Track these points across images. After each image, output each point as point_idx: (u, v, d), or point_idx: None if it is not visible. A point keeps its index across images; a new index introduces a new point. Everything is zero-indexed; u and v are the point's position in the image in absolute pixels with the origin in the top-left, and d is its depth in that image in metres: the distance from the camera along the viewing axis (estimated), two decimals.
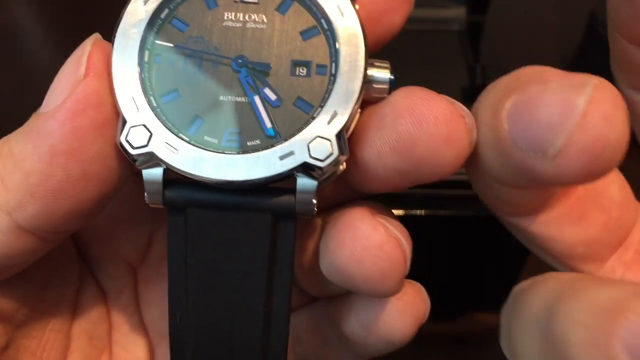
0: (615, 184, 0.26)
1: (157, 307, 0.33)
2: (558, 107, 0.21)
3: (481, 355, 0.52)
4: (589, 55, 0.65)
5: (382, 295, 0.27)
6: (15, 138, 0.26)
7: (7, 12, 0.73)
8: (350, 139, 0.26)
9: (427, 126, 0.24)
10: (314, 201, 0.26)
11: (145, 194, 0.26)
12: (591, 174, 0.22)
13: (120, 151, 0.25)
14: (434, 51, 0.59)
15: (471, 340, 0.54)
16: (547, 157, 0.21)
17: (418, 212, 0.45)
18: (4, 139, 0.27)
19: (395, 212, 0.45)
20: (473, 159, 0.25)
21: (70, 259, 0.31)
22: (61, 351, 0.30)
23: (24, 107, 0.69)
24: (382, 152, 0.25)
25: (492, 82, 0.28)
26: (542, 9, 0.77)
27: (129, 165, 0.26)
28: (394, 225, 0.27)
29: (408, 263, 0.26)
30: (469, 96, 0.57)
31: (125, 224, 0.32)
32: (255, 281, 0.27)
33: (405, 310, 0.29)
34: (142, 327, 0.33)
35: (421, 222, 0.46)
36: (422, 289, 0.30)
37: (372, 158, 0.25)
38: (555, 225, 0.26)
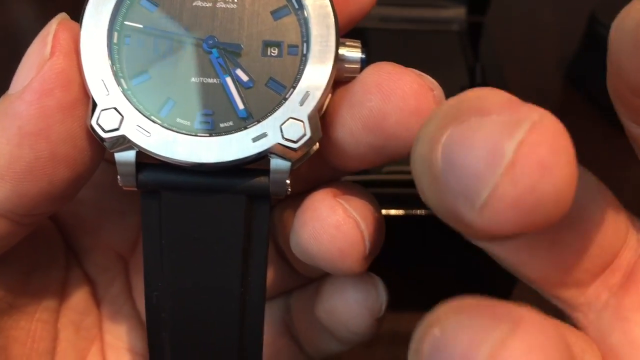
0: (595, 203, 0.23)
1: None
2: (485, 152, 0.18)
3: None
4: (588, 55, 0.65)
5: (344, 273, 0.28)
6: None
7: (7, 12, 0.73)
8: (323, 118, 0.26)
9: (395, 100, 0.24)
10: (288, 182, 0.26)
11: (119, 177, 0.26)
12: (525, 228, 0.19)
13: (91, 132, 0.25)
14: (434, 51, 0.59)
15: None
16: (474, 208, 0.19)
17: (418, 212, 0.45)
18: None
19: (395, 212, 0.45)
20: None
21: (55, 249, 0.31)
22: (49, 341, 0.30)
23: None
24: (354, 129, 0.25)
25: (492, 82, 0.28)
26: (542, 9, 0.77)
27: (101, 147, 0.26)
28: (355, 207, 0.27)
29: (367, 243, 0.27)
30: None
31: (113, 214, 0.32)
32: (231, 262, 0.27)
33: (360, 302, 0.30)
34: (135, 316, 0.34)
35: (422, 222, 0.46)
36: (380, 283, 0.30)
37: (345, 136, 0.26)
38: (525, 250, 0.23)
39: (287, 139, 0.25)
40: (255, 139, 0.25)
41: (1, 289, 0.28)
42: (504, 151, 0.18)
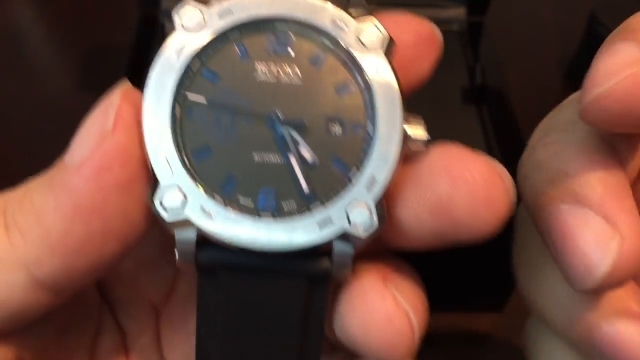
0: None
1: (180, 348, 0.32)
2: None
3: (482, 355, 0.52)
4: (588, 55, 0.65)
5: None
6: (38, 189, 0.25)
7: (7, 12, 0.73)
8: (385, 198, 0.25)
9: (465, 186, 0.23)
10: (350, 266, 0.25)
11: (176, 256, 0.25)
12: None
13: (145, 206, 0.24)
14: None
15: (471, 340, 0.54)
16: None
17: None
18: (26, 187, 0.26)
19: None
20: None
21: (91, 303, 0.31)
22: None
23: (24, 107, 0.69)
24: (419, 213, 0.24)
25: (492, 82, 0.28)
26: (542, 8, 0.77)
27: (154, 220, 0.25)
28: (406, 295, 0.26)
29: (417, 335, 0.26)
30: (468, 96, 0.57)
31: (149, 265, 0.31)
32: (286, 344, 0.26)
33: None
34: None
35: None
36: None
37: (408, 219, 0.24)
38: None
39: (354, 226, 0.24)
40: (320, 225, 0.24)
41: (37, 351, 0.27)
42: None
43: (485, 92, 0.56)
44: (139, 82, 0.54)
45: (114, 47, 0.64)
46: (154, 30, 0.60)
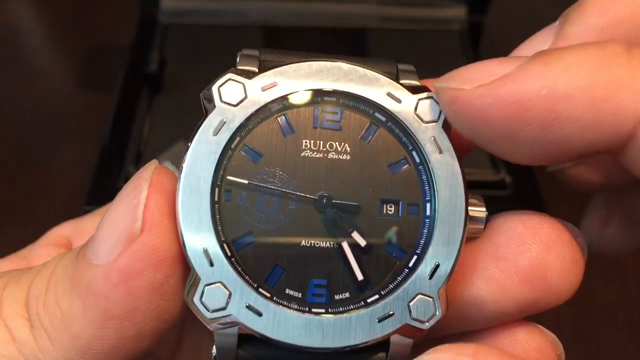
0: None
1: None
2: None
3: None
4: None
5: None
6: (63, 288, 0.23)
7: (7, 12, 0.73)
8: (449, 283, 0.23)
9: (556, 249, 0.23)
10: (408, 358, 0.23)
11: (214, 352, 0.23)
12: None
13: (180, 301, 0.23)
14: (434, 51, 0.59)
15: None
16: None
17: None
18: (48, 281, 0.24)
19: None
20: None
21: None
22: None
23: (23, 107, 0.69)
24: (507, 284, 0.23)
25: None
26: (542, 8, 0.76)
27: (188, 311, 0.23)
28: (547, 331, 0.25)
29: None
30: None
31: None
32: None
33: None
34: None
35: None
36: None
37: (494, 295, 0.23)
38: None
39: (415, 319, 0.22)
40: (380, 319, 0.22)
41: None
42: None
43: None
44: (139, 82, 0.54)
45: (114, 47, 0.64)
46: (153, 31, 0.60)
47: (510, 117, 0.21)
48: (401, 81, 0.25)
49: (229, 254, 0.23)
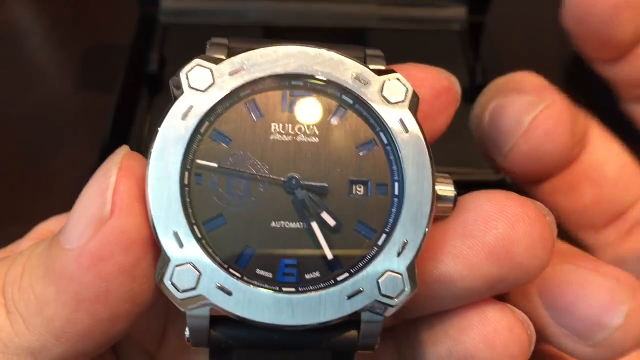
0: (611, 164, 0.31)
1: None
2: (512, 120, 0.29)
3: None
4: None
5: None
6: (36, 273, 0.23)
7: (7, 12, 0.73)
8: (418, 260, 0.24)
9: (523, 225, 0.24)
10: (379, 335, 0.24)
11: (187, 334, 0.23)
12: (534, 175, 0.30)
13: (152, 284, 0.23)
14: (434, 51, 0.59)
15: None
16: (501, 154, 0.29)
17: None
18: (23, 267, 0.24)
19: None
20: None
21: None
22: None
23: (23, 107, 0.69)
24: (474, 261, 0.24)
25: (492, 81, 0.30)
26: (542, 9, 0.76)
27: (161, 294, 0.23)
28: (518, 311, 0.26)
29: (532, 348, 0.26)
30: (469, 96, 0.57)
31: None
32: None
33: None
34: None
35: None
36: None
37: (462, 271, 0.24)
38: (549, 195, 0.31)
39: (385, 295, 0.23)
40: (350, 296, 0.23)
41: None
42: (523, 121, 0.28)
43: None
44: (139, 82, 0.53)
45: (114, 47, 0.64)
46: (153, 30, 0.60)
47: None
48: (369, 65, 0.25)
49: (199, 235, 0.23)
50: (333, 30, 0.60)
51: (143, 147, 0.50)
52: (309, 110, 0.25)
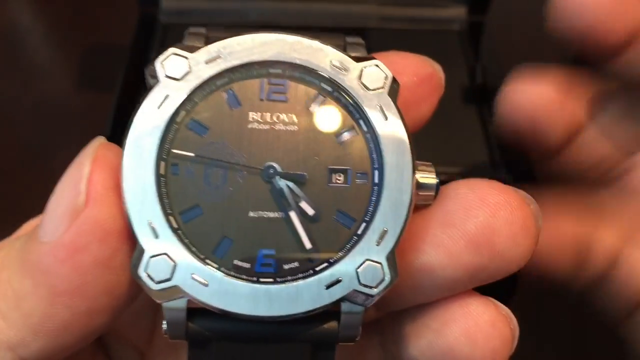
0: None
1: None
2: None
3: None
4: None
5: None
6: (13, 267, 0.23)
7: (7, 12, 0.73)
8: (398, 250, 0.23)
9: (504, 214, 0.23)
10: (360, 326, 0.23)
11: (164, 327, 0.23)
12: None
13: (131, 278, 0.22)
14: (434, 51, 0.59)
15: None
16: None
17: None
18: (1, 261, 0.24)
19: None
20: None
21: (87, 353, 0.30)
22: None
23: (23, 107, 0.69)
24: (454, 250, 0.23)
25: (493, 82, 0.30)
26: (542, 9, 0.76)
27: (140, 289, 0.23)
28: (501, 305, 0.25)
29: (515, 343, 0.25)
30: (469, 96, 0.57)
31: (130, 311, 0.29)
32: None
33: None
34: None
35: None
36: None
37: (442, 261, 0.23)
38: None
39: (364, 285, 0.22)
40: (328, 286, 0.22)
41: None
42: None
43: (486, 92, 0.56)
44: (139, 82, 0.53)
45: (114, 47, 0.64)
46: (153, 30, 0.60)
47: None
48: (349, 53, 0.24)
49: (175, 226, 0.22)
50: (333, 30, 0.60)
51: None
52: (288, 99, 0.24)
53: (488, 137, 0.54)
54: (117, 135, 0.51)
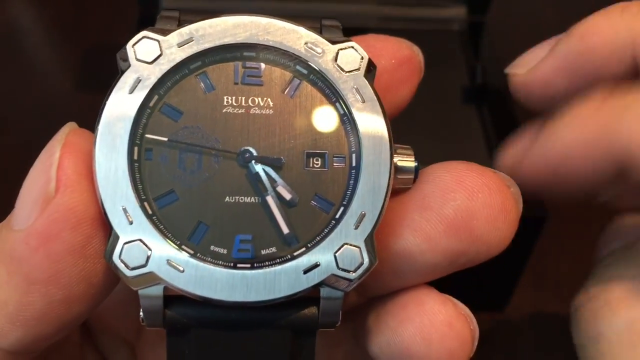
0: None
1: None
2: None
3: (482, 355, 0.52)
4: None
5: None
6: None
7: (7, 12, 0.73)
8: (377, 233, 0.23)
9: (482, 196, 0.23)
10: (340, 312, 0.23)
11: (141, 315, 0.23)
12: None
13: (107, 265, 0.22)
14: (434, 51, 0.59)
15: None
16: None
17: None
18: None
19: None
20: None
21: (73, 342, 0.30)
22: None
23: (23, 107, 0.69)
24: (433, 235, 0.23)
25: (492, 82, 0.29)
26: (542, 9, 0.76)
27: (119, 277, 0.23)
28: (459, 303, 0.25)
29: (475, 344, 0.25)
30: (469, 96, 0.57)
31: (116, 303, 0.29)
32: None
33: None
34: None
35: None
36: None
37: (420, 245, 0.23)
38: None
39: (342, 269, 0.22)
40: (306, 271, 0.22)
41: None
42: None
43: (486, 92, 0.56)
44: None
45: (114, 47, 0.64)
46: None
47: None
48: (324, 35, 0.24)
49: (149, 212, 0.22)
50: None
51: None
52: (263, 82, 0.24)
53: (488, 137, 0.54)
54: None
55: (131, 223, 0.22)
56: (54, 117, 0.62)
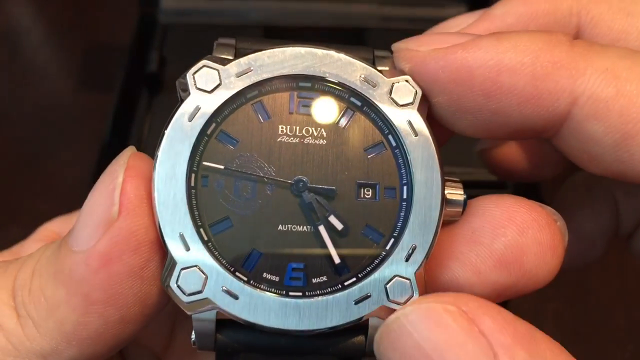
0: None
1: None
2: None
3: None
4: None
5: None
6: (46, 275, 0.23)
7: (7, 12, 0.73)
8: (426, 266, 0.23)
9: (532, 232, 0.23)
10: None
11: (193, 338, 0.23)
12: None
13: (162, 287, 0.23)
14: None
15: None
16: None
17: None
18: (33, 269, 0.24)
19: None
20: None
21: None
22: None
23: (23, 107, 0.69)
24: (482, 268, 0.23)
25: None
26: None
27: (169, 299, 0.23)
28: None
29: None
30: None
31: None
32: None
33: None
34: None
35: None
36: None
37: (469, 279, 0.23)
38: None
39: (392, 301, 0.22)
40: (357, 301, 0.22)
41: None
42: None
43: None
44: (139, 82, 0.53)
45: (114, 47, 0.64)
46: (153, 30, 0.60)
47: (457, 81, 0.23)
48: (377, 67, 0.25)
49: (205, 238, 0.23)
50: (333, 30, 0.60)
51: (143, 147, 0.50)
52: (317, 112, 0.24)
53: None
54: (116, 135, 0.51)
55: (188, 249, 0.22)
56: (54, 117, 0.63)
